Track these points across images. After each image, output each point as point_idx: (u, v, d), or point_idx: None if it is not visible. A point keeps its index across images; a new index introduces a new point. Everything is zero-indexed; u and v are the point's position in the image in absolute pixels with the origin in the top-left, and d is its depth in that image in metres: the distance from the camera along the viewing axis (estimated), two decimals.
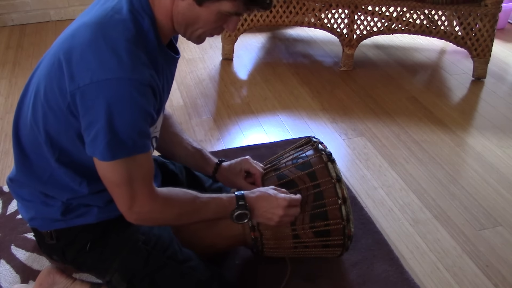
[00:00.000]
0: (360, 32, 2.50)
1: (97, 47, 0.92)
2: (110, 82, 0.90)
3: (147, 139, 0.99)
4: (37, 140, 1.05)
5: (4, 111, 2.18)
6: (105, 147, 0.93)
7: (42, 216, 1.14)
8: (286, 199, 1.17)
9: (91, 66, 0.91)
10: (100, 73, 0.90)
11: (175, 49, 1.14)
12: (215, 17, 0.99)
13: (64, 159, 1.05)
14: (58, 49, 0.98)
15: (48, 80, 0.98)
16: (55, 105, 0.98)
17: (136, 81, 0.92)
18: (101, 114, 0.91)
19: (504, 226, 1.59)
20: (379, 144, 2.00)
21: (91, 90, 0.91)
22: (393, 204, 1.68)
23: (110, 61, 0.91)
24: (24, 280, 1.35)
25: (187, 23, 1.01)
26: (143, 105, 0.94)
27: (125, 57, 0.92)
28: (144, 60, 0.96)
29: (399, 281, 1.37)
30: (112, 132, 0.92)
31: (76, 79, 0.92)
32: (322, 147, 1.33)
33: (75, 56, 0.93)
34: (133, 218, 1.04)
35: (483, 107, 2.29)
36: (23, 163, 1.10)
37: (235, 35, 2.59)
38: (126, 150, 0.95)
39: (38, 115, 1.02)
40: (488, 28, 2.35)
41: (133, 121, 0.94)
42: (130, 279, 1.14)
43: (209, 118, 2.16)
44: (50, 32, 2.97)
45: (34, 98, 1.02)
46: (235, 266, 1.41)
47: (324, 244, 1.28)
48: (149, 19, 0.99)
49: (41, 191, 1.12)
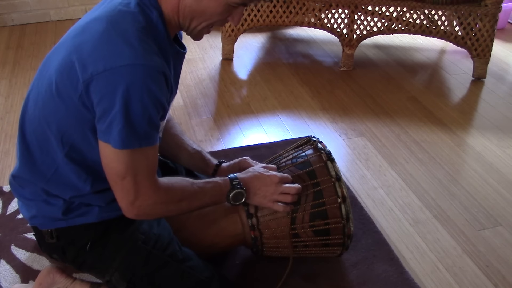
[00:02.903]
0: (360, 32, 2.50)
1: (108, 37, 0.94)
2: (124, 69, 0.92)
3: (156, 130, 1.00)
4: (45, 135, 1.05)
5: (4, 111, 2.18)
6: (119, 133, 0.94)
7: (43, 214, 1.14)
8: (277, 175, 1.21)
9: (104, 55, 0.93)
10: (113, 60, 0.92)
11: (181, 44, 1.15)
12: (222, 9, 1.02)
13: (73, 155, 1.06)
14: (68, 45, 1.00)
15: (59, 74, 0.99)
16: (67, 97, 0.98)
17: (150, 68, 0.94)
18: (116, 100, 0.92)
19: (504, 226, 1.59)
20: (379, 144, 2.00)
21: (105, 77, 0.92)
22: (393, 204, 1.68)
23: (123, 49, 0.93)
24: (24, 280, 1.35)
25: (193, 16, 1.03)
26: (156, 93, 0.96)
27: (137, 46, 0.94)
28: (155, 49, 0.97)
29: (399, 281, 1.37)
30: (127, 118, 0.93)
31: (89, 68, 0.94)
32: (321, 146, 1.33)
33: (86, 48, 0.95)
34: (134, 213, 1.03)
35: (483, 107, 2.29)
36: (27, 159, 1.10)
37: (235, 35, 2.59)
38: (138, 138, 0.96)
39: (49, 110, 1.03)
40: (488, 28, 2.35)
41: (145, 107, 0.94)
42: (130, 278, 1.14)
43: (209, 118, 2.16)
44: (50, 32, 2.98)
45: (45, 92, 1.03)
46: (235, 266, 1.41)
47: (324, 243, 1.28)
48: (157, 12, 1.01)
49: (43, 189, 1.12)
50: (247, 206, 1.27)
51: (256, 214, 1.27)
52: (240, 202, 1.19)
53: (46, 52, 2.71)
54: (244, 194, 1.18)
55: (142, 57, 0.93)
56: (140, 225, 1.17)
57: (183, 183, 1.11)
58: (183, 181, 1.12)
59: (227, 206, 1.30)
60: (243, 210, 1.28)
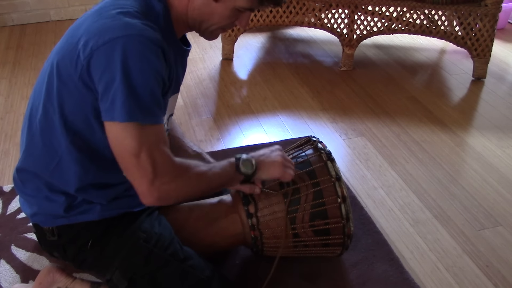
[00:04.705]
0: (360, 32, 2.50)
1: (107, 14, 0.97)
2: (121, 39, 0.93)
3: (158, 107, 0.99)
4: (50, 123, 1.06)
5: (4, 111, 2.18)
6: (123, 105, 0.93)
7: (44, 212, 1.14)
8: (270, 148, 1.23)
9: (103, 29, 0.95)
10: (110, 33, 0.94)
11: (185, 41, 1.16)
12: (230, 13, 1.03)
13: (77, 142, 1.06)
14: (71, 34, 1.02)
15: (60, 56, 1.01)
16: (68, 78, 0.99)
17: (146, 39, 0.95)
18: (116, 72, 0.93)
19: (504, 226, 1.59)
20: (379, 144, 2.00)
21: (103, 50, 0.93)
22: (393, 204, 1.68)
23: (120, 23, 0.95)
24: (24, 280, 1.35)
25: (202, 19, 1.04)
26: (155, 63, 0.96)
27: (135, 20, 0.96)
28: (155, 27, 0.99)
29: (399, 281, 1.37)
30: (129, 87, 0.93)
31: (89, 44, 0.95)
32: (321, 146, 1.34)
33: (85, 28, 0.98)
34: (155, 195, 0.99)
35: (483, 107, 2.29)
36: (31, 150, 1.11)
37: (235, 35, 2.59)
38: (142, 111, 0.95)
39: (52, 95, 1.03)
40: (488, 28, 2.35)
41: (145, 76, 0.95)
42: (131, 277, 1.14)
43: (209, 118, 2.16)
44: (50, 32, 2.98)
45: (48, 78, 1.04)
46: (235, 266, 1.41)
47: (324, 243, 1.28)
48: (162, 6, 1.03)
49: (46, 182, 1.12)
50: (247, 206, 1.27)
51: (256, 214, 1.27)
52: (251, 171, 1.15)
53: (46, 52, 2.72)
54: (252, 161, 1.15)
55: (139, 29, 0.95)
56: (142, 224, 1.17)
57: (197, 162, 1.11)
58: (195, 161, 1.11)
59: (228, 206, 1.30)
60: (243, 210, 1.28)
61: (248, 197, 1.28)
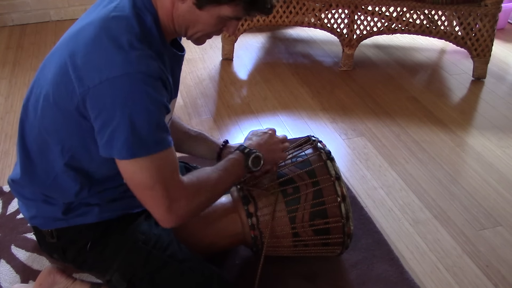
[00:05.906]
0: (360, 32, 2.50)
1: (101, 45, 0.92)
2: (119, 79, 0.90)
3: (165, 132, 0.97)
4: (45, 144, 1.05)
5: (4, 111, 2.18)
6: (123, 145, 0.92)
7: (43, 215, 1.14)
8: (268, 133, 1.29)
9: (98, 65, 0.91)
10: (108, 71, 0.90)
11: (179, 47, 1.15)
12: (215, 21, 1.00)
13: (73, 163, 1.05)
14: (63, 52, 0.99)
15: (56, 85, 0.98)
16: (64, 108, 0.98)
17: (145, 75, 0.91)
18: (115, 112, 0.90)
19: (504, 226, 1.59)
20: (379, 144, 2.00)
21: (101, 90, 0.91)
22: (393, 204, 1.68)
23: (116, 58, 0.91)
24: (24, 280, 1.35)
25: (187, 25, 1.02)
26: (156, 97, 0.94)
27: (131, 52, 0.91)
28: (150, 53, 0.95)
29: (399, 281, 1.37)
30: (130, 128, 0.91)
31: (85, 81, 0.92)
32: (321, 145, 1.34)
33: (80, 58, 0.93)
34: (173, 219, 1.00)
35: (483, 107, 2.29)
36: (27, 167, 1.10)
37: (235, 35, 2.59)
38: (146, 146, 0.94)
39: (48, 119, 1.02)
40: (488, 28, 2.35)
41: (148, 114, 0.93)
42: (130, 278, 1.14)
43: (209, 118, 2.16)
44: (50, 32, 2.98)
45: (43, 103, 1.02)
46: (235, 266, 1.41)
47: (324, 242, 1.28)
48: (151, 17, 0.99)
49: (42, 193, 1.12)
50: (246, 206, 1.27)
51: (256, 214, 1.26)
52: (259, 166, 1.19)
53: (46, 52, 2.71)
54: (261, 156, 1.19)
55: (136, 64, 0.91)
56: (140, 225, 1.17)
57: (205, 172, 1.10)
58: (203, 170, 1.11)
59: (227, 206, 1.30)
60: (242, 210, 1.28)
61: (248, 196, 1.28)
